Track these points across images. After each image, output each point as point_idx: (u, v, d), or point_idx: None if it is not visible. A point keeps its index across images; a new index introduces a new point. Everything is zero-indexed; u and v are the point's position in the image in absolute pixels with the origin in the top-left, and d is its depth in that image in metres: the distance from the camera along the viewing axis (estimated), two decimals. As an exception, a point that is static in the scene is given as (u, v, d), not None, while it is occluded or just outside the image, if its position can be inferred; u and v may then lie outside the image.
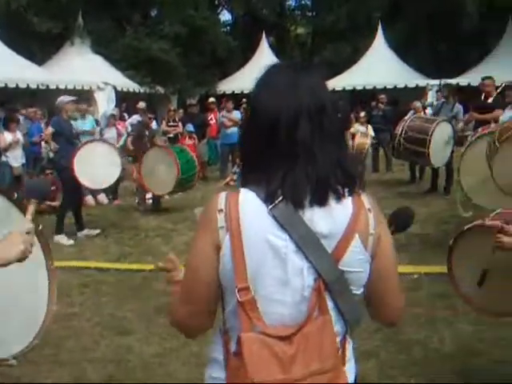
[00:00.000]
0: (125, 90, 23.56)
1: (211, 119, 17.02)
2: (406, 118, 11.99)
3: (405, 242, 8.03)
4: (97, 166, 9.52)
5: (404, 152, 11.41)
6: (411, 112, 13.44)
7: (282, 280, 1.68)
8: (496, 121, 9.57)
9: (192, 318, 1.81)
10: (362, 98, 24.01)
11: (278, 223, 1.66)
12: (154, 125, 15.78)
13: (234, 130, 15.14)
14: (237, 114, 15.84)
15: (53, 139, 9.43)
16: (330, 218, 1.69)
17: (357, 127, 15.25)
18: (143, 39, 26.82)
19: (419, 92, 21.56)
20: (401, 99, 19.96)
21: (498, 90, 10.86)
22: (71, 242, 9.17)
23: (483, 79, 11.19)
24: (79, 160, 9.27)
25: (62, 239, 9.10)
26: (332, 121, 1.75)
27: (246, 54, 31.17)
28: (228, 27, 39.14)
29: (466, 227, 4.17)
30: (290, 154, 1.69)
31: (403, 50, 28.42)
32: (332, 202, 1.70)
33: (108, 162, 9.79)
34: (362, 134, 14.66)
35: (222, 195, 1.74)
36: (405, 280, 6.76)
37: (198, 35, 28.51)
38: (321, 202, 1.69)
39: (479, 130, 8.59)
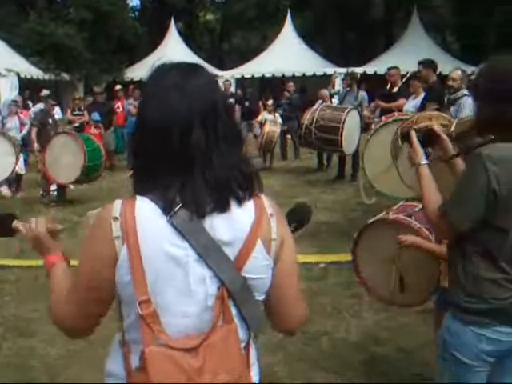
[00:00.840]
0: (28, 76, 22.71)
1: (118, 107, 16.66)
2: (314, 107, 12.09)
3: (312, 230, 8.11)
4: None
5: (315, 141, 11.52)
6: (319, 102, 13.52)
7: (184, 290, 1.62)
8: (400, 109, 9.80)
9: (77, 319, 1.75)
10: (271, 86, 24.14)
11: (177, 232, 1.60)
12: (58, 112, 15.29)
13: (142, 118, 14.85)
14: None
15: None
16: (231, 225, 1.65)
17: (265, 115, 15.34)
18: (48, 24, 26.01)
19: (327, 80, 21.87)
20: (309, 87, 20.17)
21: (404, 80, 11.13)
22: (-31, 238, 8.75)
23: (389, 69, 11.42)
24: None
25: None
26: (225, 121, 1.70)
27: (155, 40, 30.72)
28: (136, 13, 38.63)
29: (369, 221, 4.23)
30: (186, 159, 1.62)
31: (312, 38, 28.79)
32: (233, 207, 1.66)
33: (1, 153, 9.38)
34: (271, 123, 14.77)
35: (117, 203, 1.66)
36: (312, 269, 6.84)
37: (105, 20, 27.93)
38: (222, 208, 1.64)
39: (383, 118, 8.76)
